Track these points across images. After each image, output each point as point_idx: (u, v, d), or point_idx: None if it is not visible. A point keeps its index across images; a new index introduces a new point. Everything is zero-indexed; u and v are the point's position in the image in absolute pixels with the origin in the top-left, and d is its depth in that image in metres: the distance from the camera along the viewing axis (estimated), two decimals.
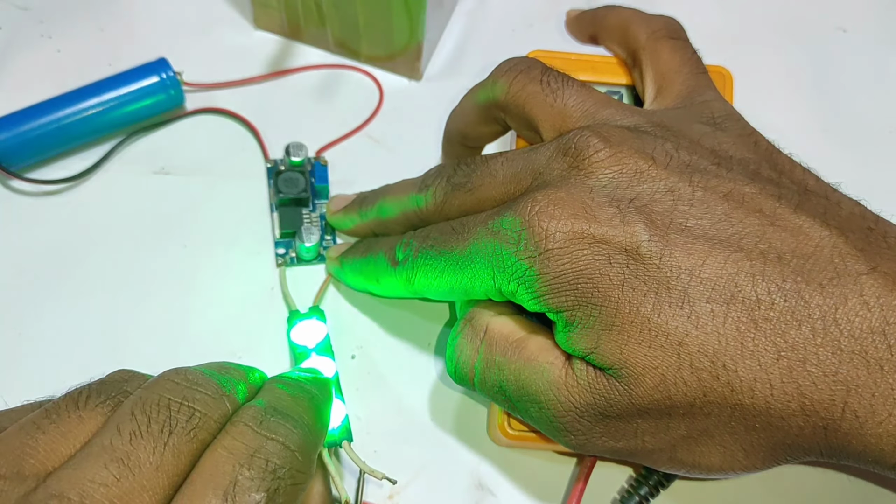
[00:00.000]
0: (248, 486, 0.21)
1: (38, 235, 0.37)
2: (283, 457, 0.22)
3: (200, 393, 0.23)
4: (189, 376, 0.23)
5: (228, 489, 0.21)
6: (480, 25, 0.44)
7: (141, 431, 0.21)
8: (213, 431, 0.22)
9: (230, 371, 0.25)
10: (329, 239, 0.37)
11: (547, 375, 0.27)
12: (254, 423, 0.23)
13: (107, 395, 0.22)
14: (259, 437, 0.22)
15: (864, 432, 0.24)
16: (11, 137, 0.36)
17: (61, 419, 0.22)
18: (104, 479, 0.20)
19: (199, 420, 0.22)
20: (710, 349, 0.24)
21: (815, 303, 0.24)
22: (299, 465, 0.23)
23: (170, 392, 0.22)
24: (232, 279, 0.36)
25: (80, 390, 0.23)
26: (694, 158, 0.27)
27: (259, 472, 0.21)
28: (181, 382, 0.23)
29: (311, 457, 0.24)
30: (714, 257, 0.25)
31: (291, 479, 0.22)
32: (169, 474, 0.21)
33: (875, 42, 0.45)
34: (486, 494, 0.33)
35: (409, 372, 0.35)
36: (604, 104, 0.30)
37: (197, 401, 0.22)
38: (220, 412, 0.23)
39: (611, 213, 0.26)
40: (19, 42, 0.42)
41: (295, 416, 0.24)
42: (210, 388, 0.23)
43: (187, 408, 0.22)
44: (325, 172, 0.39)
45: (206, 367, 0.25)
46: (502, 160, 0.30)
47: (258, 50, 0.42)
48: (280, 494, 0.22)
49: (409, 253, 0.31)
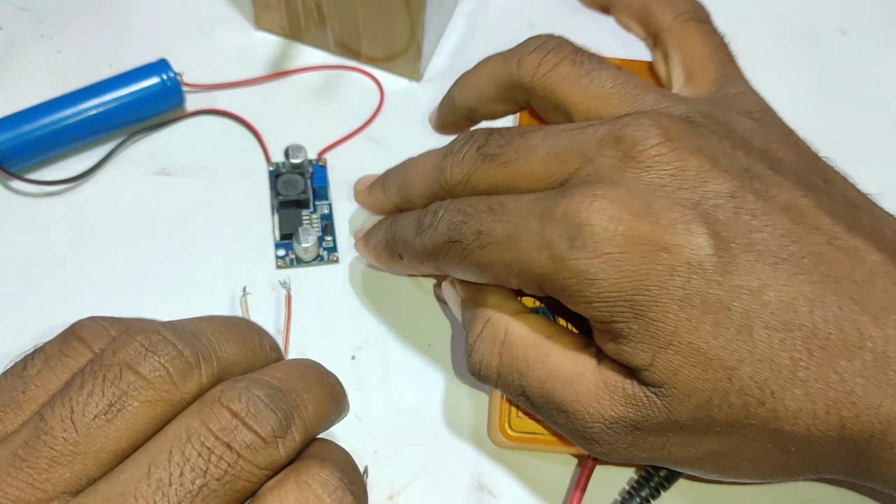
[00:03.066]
0: None
1: (38, 236, 0.37)
2: None
3: (252, 433, 0.19)
4: (251, 408, 0.19)
5: None
6: (481, 26, 0.44)
7: (172, 479, 0.18)
8: (258, 481, 0.19)
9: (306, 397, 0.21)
10: (329, 240, 0.37)
11: (575, 386, 0.26)
12: (326, 491, 0.20)
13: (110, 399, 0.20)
14: None
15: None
16: (12, 138, 0.36)
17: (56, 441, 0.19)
18: None
19: (240, 469, 0.19)
20: (762, 377, 0.23)
21: (869, 333, 0.23)
22: None
23: (219, 429, 0.19)
24: (232, 280, 0.36)
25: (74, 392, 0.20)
26: (751, 161, 0.26)
27: None
28: (238, 413, 0.19)
29: None
30: (776, 278, 0.24)
31: None
32: None
33: (875, 44, 0.45)
34: (486, 495, 0.33)
35: (409, 372, 0.35)
36: (646, 88, 0.28)
37: (245, 446, 0.19)
38: (270, 460, 0.20)
39: (674, 217, 0.24)
40: (19, 42, 0.42)
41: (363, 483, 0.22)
42: (265, 429, 0.20)
43: (230, 451, 0.19)
44: (325, 174, 0.39)
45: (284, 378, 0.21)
46: (542, 135, 0.27)
47: (258, 51, 0.42)
48: None
49: (435, 223, 0.28)
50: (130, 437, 0.19)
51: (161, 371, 0.20)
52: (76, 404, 0.19)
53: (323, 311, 0.36)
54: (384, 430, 0.34)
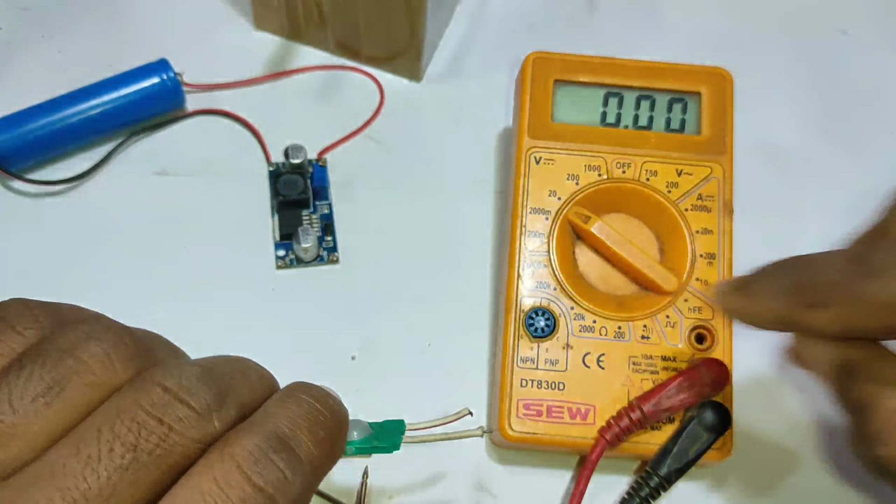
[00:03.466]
0: None
1: (38, 236, 0.37)
2: None
3: (185, 408, 0.19)
4: (184, 384, 0.20)
5: None
6: (481, 26, 0.44)
7: (101, 455, 0.18)
8: (192, 454, 0.19)
9: (240, 378, 0.22)
10: (329, 240, 0.37)
11: None
12: (246, 463, 0.19)
13: (50, 382, 0.19)
14: (244, 486, 0.19)
15: None
16: (12, 138, 0.36)
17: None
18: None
19: (172, 441, 0.19)
20: None
21: None
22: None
23: (151, 404, 0.19)
24: (232, 281, 0.36)
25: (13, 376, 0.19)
26: None
27: None
28: (171, 389, 0.19)
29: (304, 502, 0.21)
30: None
31: None
32: (120, 502, 0.18)
33: (875, 44, 0.45)
34: (485, 495, 0.33)
35: (410, 372, 0.35)
36: None
37: (177, 419, 0.19)
38: (203, 433, 0.19)
39: None
40: (20, 42, 0.42)
41: (303, 453, 0.20)
42: (200, 403, 0.20)
43: (162, 425, 0.19)
44: (325, 174, 0.39)
45: (216, 363, 0.21)
46: None
47: (259, 51, 0.42)
48: None
49: None
50: (67, 420, 0.19)
51: (102, 357, 0.20)
52: (14, 387, 0.19)
53: (323, 311, 0.36)
54: None
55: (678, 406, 0.31)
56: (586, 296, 0.33)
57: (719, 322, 0.33)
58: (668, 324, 0.33)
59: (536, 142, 0.35)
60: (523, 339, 0.32)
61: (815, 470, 0.34)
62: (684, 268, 0.34)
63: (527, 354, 0.32)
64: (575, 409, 0.32)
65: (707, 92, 0.36)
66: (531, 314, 0.33)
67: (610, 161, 0.35)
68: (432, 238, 0.38)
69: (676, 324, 0.33)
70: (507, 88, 0.41)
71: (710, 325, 0.33)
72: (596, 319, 0.33)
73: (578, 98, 0.36)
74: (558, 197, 0.34)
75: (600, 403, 0.32)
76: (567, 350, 0.32)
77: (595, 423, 0.32)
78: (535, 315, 0.33)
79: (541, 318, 0.33)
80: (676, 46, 0.44)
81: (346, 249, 0.37)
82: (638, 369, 0.32)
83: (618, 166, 0.35)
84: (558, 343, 0.32)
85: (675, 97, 0.36)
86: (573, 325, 0.33)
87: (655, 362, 0.32)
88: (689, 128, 0.35)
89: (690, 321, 0.33)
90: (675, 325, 0.33)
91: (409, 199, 0.39)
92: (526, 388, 0.32)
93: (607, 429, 0.31)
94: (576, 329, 0.33)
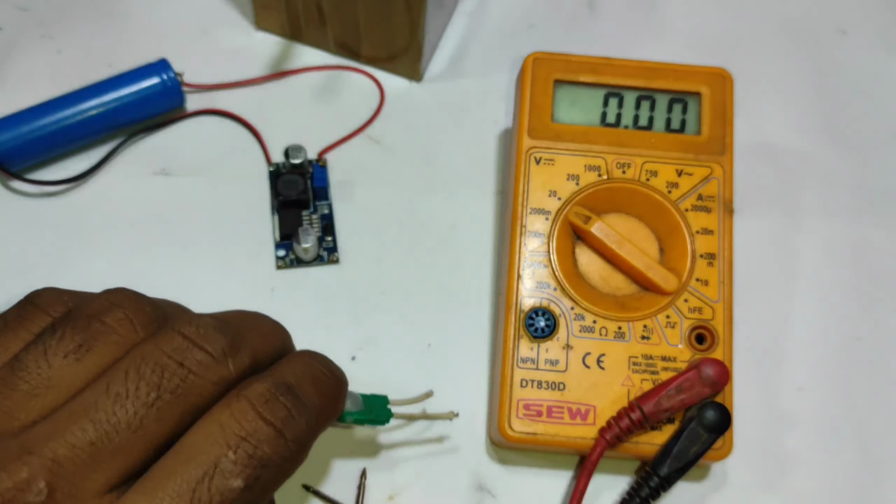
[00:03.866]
0: (230, 471, 0.21)
1: (38, 236, 0.37)
2: (275, 446, 0.21)
3: (202, 352, 0.22)
4: (201, 331, 0.22)
5: (208, 471, 0.20)
6: (481, 26, 0.44)
7: (129, 393, 0.21)
8: (210, 395, 0.22)
9: (252, 330, 0.24)
10: (329, 240, 0.37)
11: None
12: (258, 402, 0.22)
13: (80, 340, 0.22)
14: (257, 421, 0.21)
15: None
16: (12, 138, 0.36)
17: (31, 375, 0.21)
18: (79, 440, 0.20)
19: (191, 382, 0.21)
20: None
21: None
22: (291, 454, 0.22)
23: (172, 349, 0.22)
24: (232, 281, 0.36)
25: (47, 337, 0.22)
26: None
27: (244, 459, 0.21)
28: (189, 335, 0.22)
29: (307, 446, 0.23)
30: None
31: (277, 468, 0.22)
32: (148, 438, 0.21)
33: (875, 44, 0.45)
34: (485, 496, 0.33)
35: (410, 372, 0.35)
36: None
37: (196, 362, 0.22)
38: (219, 375, 0.22)
39: None
40: (20, 43, 0.42)
41: (307, 400, 0.23)
42: (215, 348, 0.22)
43: (182, 368, 0.21)
44: (325, 174, 0.39)
45: (232, 317, 0.24)
46: None
47: (259, 51, 0.42)
48: (260, 483, 0.21)
49: None
50: (95, 374, 0.21)
51: (125, 321, 0.22)
52: (49, 346, 0.21)
53: (323, 311, 0.36)
54: (384, 431, 0.34)
55: (678, 406, 0.31)
56: (586, 296, 0.33)
57: (719, 322, 0.33)
58: (669, 324, 0.33)
59: (536, 142, 0.35)
60: (523, 339, 0.33)
61: (815, 470, 0.34)
62: (684, 268, 0.34)
63: (527, 354, 0.32)
64: (575, 410, 0.32)
65: (707, 92, 0.36)
66: (531, 314, 0.33)
67: (610, 161, 0.35)
68: (432, 238, 0.38)
69: (676, 324, 0.33)
70: (507, 88, 0.42)
71: (711, 326, 0.33)
72: (596, 320, 0.33)
73: (578, 98, 0.36)
74: (558, 197, 0.34)
75: (600, 404, 0.32)
76: (567, 350, 0.32)
77: (595, 424, 0.32)
78: (535, 315, 0.33)
79: (541, 319, 0.33)
80: (676, 46, 0.44)
81: (346, 249, 0.37)
82: (638, 369, 0.32)
83: (618, 166, 0.35)
84: (558, 343, 0.32)
85: (675, 97, 0.36)
86: (573, 326, 0.33)
87: (655, 362, 0.32)
88: (689, 128, 0.35)
89: (690, 321, 0.33)
90: (675, 326, 0.33)
91: (409, 199, 0.39)
92: (526, 389, 0.32)
93: (607, 429, 0.31)
94: (576, 329, 0.33)
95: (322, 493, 0.32)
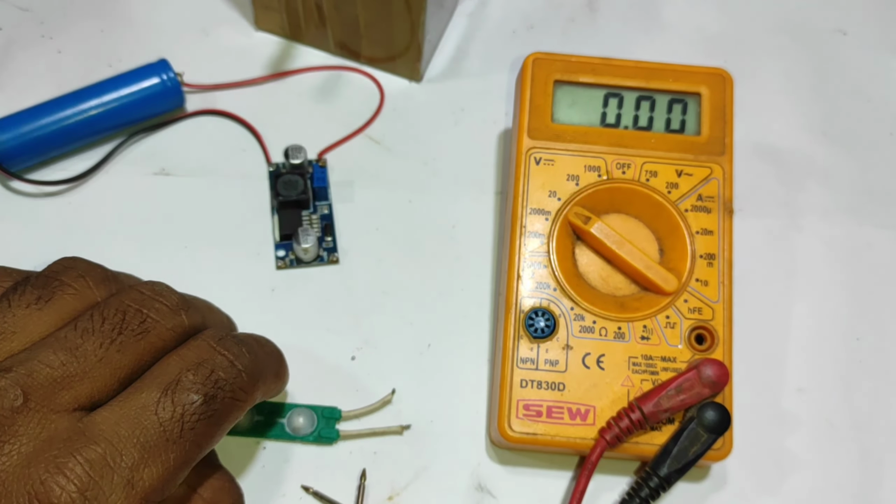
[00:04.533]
0: (189, 386, 0.24)
1: (38, 236, 0.37)
2: (228, 371, 0.25)
3: (159, 303, 0.25)
4: (156, 288, 0.26)
5: (170, 385, 0.23)
6: (481, 27, 0.44)
7: (94, 329, 0.24)
8: (166, 338, 0.25)
9: (204, 304, 0.28)
10: (329, 240, 0.37)
11: None
12: (212, 340, 0.25)
13: (39, 293, 0.24)
14: (211, 351, 0.25)
15: None
16: (12, 138, 0.36)
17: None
18: (51, 361, 0.23)
19: (150, 324, 0.25)
20: None
21: None
22: (242, 383, 0.25)
23: (131, 300, 0.25)
24: (232, 281, 0.36)
25: (9, 293, 0.24)
26: None
27: (202, 378, 0.24)
28: (146, 293, 0.25)
29: (255, 381, 0.26)
30: None
31: (231, 393, 0.25)
32: (112, 367, 0.23)
33: (875, 44, 0.45)
34: (485, 496, 0.33)
35: (409, 373, 0.35)
36: None
37: (154, 309, 0.25)
38: (174, 322, 0.25)
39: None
40: (20, 43, 0.42)
41: (254, 347, 0.26)
42: (170, 301, 0.26)
43: (141, 313, 0.25)
44: (325, 174, 0.39)
45: (188, 296, 0.27)
46: None
47: (259, 51, 0.42)
48: (217, 402, 0.24)
49: None
50: (57, 322, 0.24)
51: (79, 278, 0.25)
52: (12, 300, 0.24)
53: (323, 311, 0.36)
54: (384, 431, 0.34)
55: (678, 407, 0.31)
56: (586, 296, 0.33)
57: (719, 323, 0.33)
58: (668, 324, 0.33)
59: (536, 142, 0.35)
60: (523, 339, 0.33)
61: (815, 470, 0.34)
62: (684, 268, 0.34)
63: (527, 355, 0.32)
64: (575, 410, 0.32)
65: (707, 92, 0.36)
66: (531, 314, 0.33)
67: (610, 162, 0.35)
68: (432, 238, 0.38)
69: (676, 324, 0.33)
70: (507, 88, 0.42)
71: (710, 326, 0.33)
72: (596, 320, 0.33)
73: (578, 98, 0.36)
74: (558, 197, 0.34)
75: (600, 404, 0.32)
76: (567, 350, 0.32)
77: (595, 424, 0.32)
78: (534, 315, 0.33)
79: (541, 319, 0.33)
80: (676, 46, 0.44)
81: (346, 249, 0.37)
82: (638, 370, 0.32)
83: (618, 167, 0.35)
84: (558, 343, 0.32)
85: (675, 98, 0.36)
86: (573, 326, 0.33)
87: (655, 363, 0.32)
88: (689, 128, 0.35)
89: (690, 322, 0.33)
90: (674, 326, 0.33)
91: (409, 199, 0.39)
92: (526, 389, 0.32)
93: (607, 429, 0.31)
94: (576, 329, 0.33)
95: (322, 495, 0.32)
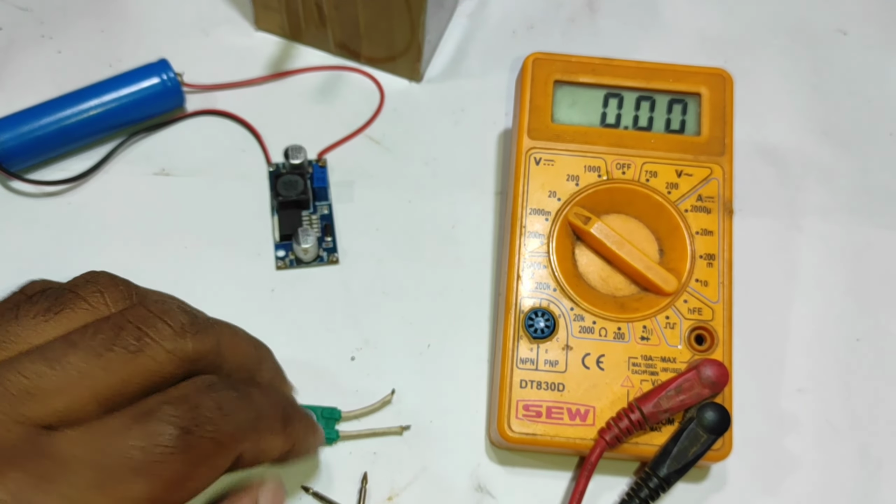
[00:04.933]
0: (163, 417, 0.21)
1: (38, 236, 0.37)
2: (213, 411, 0.22)
3: (162, 322, 0.23)
4: (164, 307, 0.23)
5: (144, 413, 0.21)
6: (481, 27, 0.44)
7: (82, 342, 0.22)
8: (161, 361, 0.22)
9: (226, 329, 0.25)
10: (329, 240, 0.37)
11: None
12: (202, 383, 0.23)
13: (49, 305, 0.23)
14: (198, 392, 0.22)
15: None
16: (12, 138, 0.36)
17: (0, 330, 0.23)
18: (26, 370, 0.21)
19: (145, 345, 0.22)
20: None
21: None
22: (228, 427, 0.22)
23: (133, 316, 0.23)
24: (232, 281, 0.36)
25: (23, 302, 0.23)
26: None
27: (181, 411, 0.22)
28: (152, 310, 0.23)
29: (244, 430, 0.23)
30: None
31: (213, 433, 0.22)
32: (92, 384, 0.21)
33: (875, 45, 0.45)
34: (485, 496, 0.33)
35: (409, 373, 0.35)
36: None
37: (154, 328, 0.22)
38: (175, 345, 0.23)
39: None
40: (20, 43, 0.42)
41: (254, 397, 0.24)
42: (175, 322, 0.23)
43: (139, 331, 0.22)
44: (325, 174, 0.39)
45: (210, 317, 0.25)
46: None
47: (259, 51, 0.42)
48: (193, 438, 0.22)
49: None
50: (61, 334, 0.22)
51: (96, 293, 0.24)
52: (22, 308, 0.23)
53: (323, 311, 0.36)
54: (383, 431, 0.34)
55: (678, 407, 0.31)
56: (586, 297, 0.33)
57: (719, 323, 0.33)
58: (668, 325, 0.33)
59: (536, 142, 0.35)
60: (523, 339, 0.33)
61: (815, 470, 0.34)
62: (684, 269, 0.34)
63: (526, 355, 0.32)
64: (574, 410, 0.32)
65: (707, 93, 0.36)
66: (531, 315, 0.33)
67: (610, 162, 0.35)
68: (432, 238, 0.38)
69: (676, 325, 0.33)
70: (507, 88, 0.42)
71: (710, 327, 0.33)
72: (596, 320, 0.33)
73: (578, 99, 0.36)
74: (558, 198, 0.34)
75: (600, 404, 0.32)
76: (567, 351, 0.32)
77: (595, 425, 0.32)
78: (534, 316, 0.33)
79: (540, 319, 0.33)
80: (676, 47, 0.44)
81: (345, 249, 0.37)
82: (637, 370, 0.32)
83: (618, 167, 0.35)
84: (558, 344, 0.32)
85: (675, 98, 0.36)
86: (573, 326, 0.33)
87: (655, 363, 0.32)
88: (689, 129, 0.35)
89: (690, 322, 0.33)
90: (674, 326, 0.33)
91: (409, 199, 0.39)
92: (525, 389, 0.32)
93: (607, 430, 0.31)
94: (575, 330, 0.33)
95: (323, 497, 0.32)
